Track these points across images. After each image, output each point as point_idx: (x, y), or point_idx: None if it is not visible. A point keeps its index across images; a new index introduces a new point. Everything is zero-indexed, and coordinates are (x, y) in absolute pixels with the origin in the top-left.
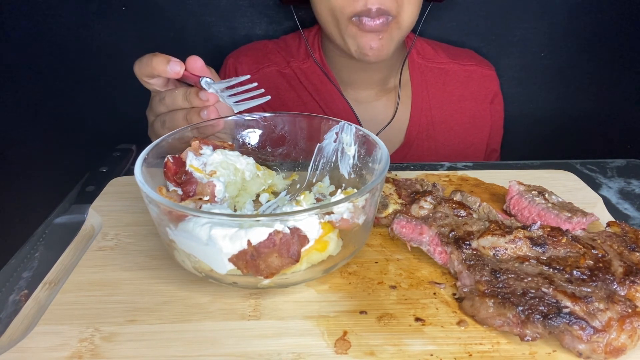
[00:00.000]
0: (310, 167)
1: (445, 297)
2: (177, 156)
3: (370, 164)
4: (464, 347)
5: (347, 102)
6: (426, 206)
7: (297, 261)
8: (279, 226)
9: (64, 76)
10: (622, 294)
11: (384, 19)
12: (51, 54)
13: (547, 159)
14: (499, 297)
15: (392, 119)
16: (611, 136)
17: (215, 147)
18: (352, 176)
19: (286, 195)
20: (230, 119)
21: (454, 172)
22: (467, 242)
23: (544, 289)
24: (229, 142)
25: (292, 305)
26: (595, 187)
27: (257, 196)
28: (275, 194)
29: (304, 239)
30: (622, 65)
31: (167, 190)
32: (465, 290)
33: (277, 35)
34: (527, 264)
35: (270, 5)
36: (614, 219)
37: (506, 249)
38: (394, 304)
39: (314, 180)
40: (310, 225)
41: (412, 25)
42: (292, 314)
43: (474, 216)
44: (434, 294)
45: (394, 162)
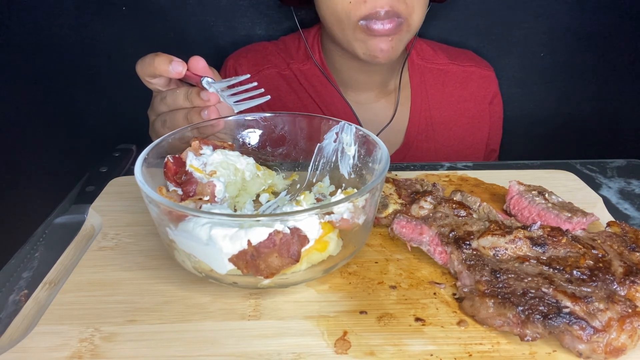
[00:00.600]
0: (310, 167)
1: (445, 297)
2: (177, 156)
3: (370, 164)
4: (464, 347)
5: (347, 103)
6: (426, 206)
7: (297, 261)
8: (279, 226)
9: (64, 76)
10: (622, 294)
11: (395, 23)
12: (51, 54)
13: (547, 159)
14: (499, 297)
15: (392, 120)
16: (611, 136)
17: (215, 147)
18: (352, 176)
19: (286, 195)
20: (230, 119)
21: (454, 172)
22: (467, 242)
23: (544, 289)
24: (229, 142)
25: (292, 305)
26: (595, 187)
27: (257, 196)
28: (275, 194)
29: (304, 239)
30: (622, 65)
31: (167, 190)
32: (465, 290)
33: (277, 35)
34: (527, 264)
35: (270, 5)
36: (614, 219)
37: (506, 249)
38: (394, 304)
39: (314, 180)
40: (310, 225)
41: (419, 26)
42: (292, 314)
43: (474, 216)
44: (434, 294)
45: (394, 163)
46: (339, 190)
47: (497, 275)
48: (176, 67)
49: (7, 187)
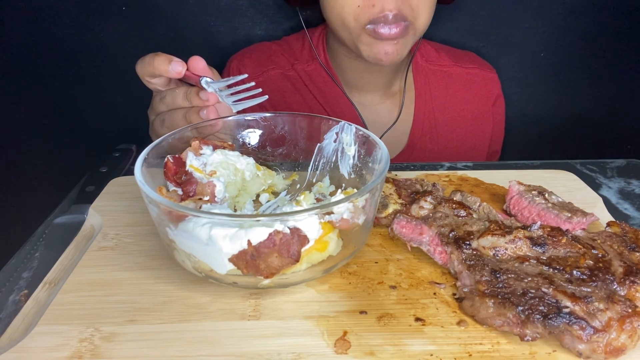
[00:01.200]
0: (310, 167)
1: (445, 297)
2: (177, 156)
3: (370, 164)
4: (464, 347)
5: (352, 104)
6: (426, 206)
7: (297, 261)
8: (279, 226)
9: (64, 76)
10: (622, 294)
11: (402, 27)
12: (51, 54)
13: (547, 159)
14: (499, 297)
15: (396, 121)
16: (611, 136)
17: (215, 147)
18: (352, 176)
19: (286, 195)
20: (230, 119)
21: (454, 172)
22: (467, 242)
23: (544, 289)
24: (229, 142)
25: (292, 305)
26: (595, 187)
27: (257, 196)
28: (275, 194)
29: (304, 239)
30: (622, 65)
31: (167, 190)
32: (465, 290)
33: (277, 35)
34: (527, 264)
35: (270, 5)
36: (614, 219)
37: (506, 249)
38: (394, 304)
39: (314, 180)
40: (310, 225)
41: (426, 29)
42: (292, 314)
43: (474, 216)
44: (434, 294)
45: (394, 163)
46: (339, 190)
47: (497, 275)
48: (175, 67)
49: (7, 187)
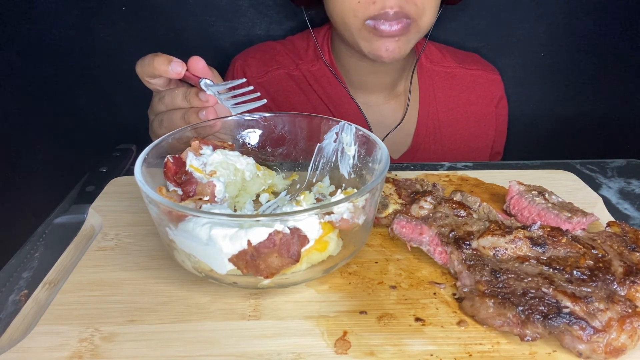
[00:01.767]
0: (310, 167)
1: (445, 297)
2: (177, 156)
3: (370, 164)
4: (464, 347)
5: (357, 104)
6: (426, 206)
7: (297, 261)
8: (279, 226)
9: (64, 76)
10: (622, 294)
11: (404, 24)
12: (51, 54)
13: (547, 159)
14: (499, 297)
15: (401, 122)
16: (611, 136)
17: (215, 147)
18: (352, 176)
19: (286, 195)
20: (230, 119)
21: (454, 172)
22: (467, 242)
23: (544, 289)
24: (229, 142)
25: (292, 305)
26: (595, 187)
27: (257, 196)
28: (275, 194)
29: (304, 239)
30: (621, 65)
31: (167, 190)
32: (465, 290)
33: (277, 35)
34: (527, 264)
35: (270, 5)
36: (614, 219)
37: (506, 249)
38: (394, 304)
39: (314, 180)
40: (310, 225)
41: (429, 28)
42: (292, 314)
43: (474, 216)
44: (434, 294)
45: (395, 163)
46: (339, 190)
47: (497, 275)
48: (175, 68)
49: (7, 187)
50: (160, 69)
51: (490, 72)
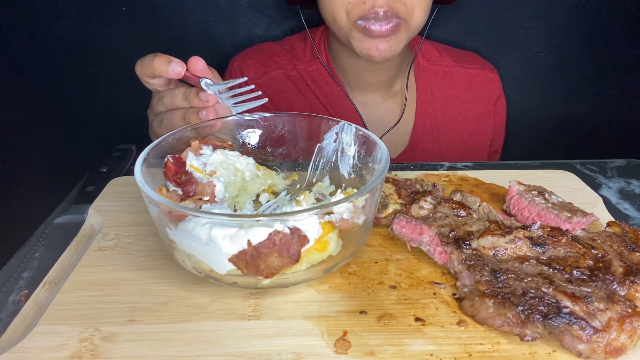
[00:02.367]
0: (310, 167)
1: (445, 297)
2: (177, 156)
3: (370, 164)
4: (464, 347)
5: (353, 104)
6: (426, 206)
7: (297, 261)
8: (279, 226)
9: (64, 76)
10: (622, 294)
11: (394, 24)
12: (51, 53)
13: (547, 159)
14: (499, 297)
15: (399, 121)
16: (611, 136)
17: (215, 147)
18: (352, 176)
19: (286, 195)
20: (230, 119)
21: (454, 172)
22: (467, 242)
23: (544, 289)
24: (229, 142)
25: (292, 305)
26: (595, 187)
27: (257, 196)
28: (275, 194)
29: (304, 239)
30: (621, 65)
31: (167, 190)
32: (465, 290)
33: (277, 35)
34: (527, 264)
35: (270, 5)
36: (614, 219)
37: (506, 249)
38: (394, 304)
39: (314, 180)
40: (310, 225)
41: (421, 27)
42: (292, 314)
43: (474, 216)
44: (434, 294)
45: (395, 162)
46: (339, 190)
47: (497, 275)
48: (175, 68)
49: (7, 187)
50: (160, 69)
51: (488, 70)
